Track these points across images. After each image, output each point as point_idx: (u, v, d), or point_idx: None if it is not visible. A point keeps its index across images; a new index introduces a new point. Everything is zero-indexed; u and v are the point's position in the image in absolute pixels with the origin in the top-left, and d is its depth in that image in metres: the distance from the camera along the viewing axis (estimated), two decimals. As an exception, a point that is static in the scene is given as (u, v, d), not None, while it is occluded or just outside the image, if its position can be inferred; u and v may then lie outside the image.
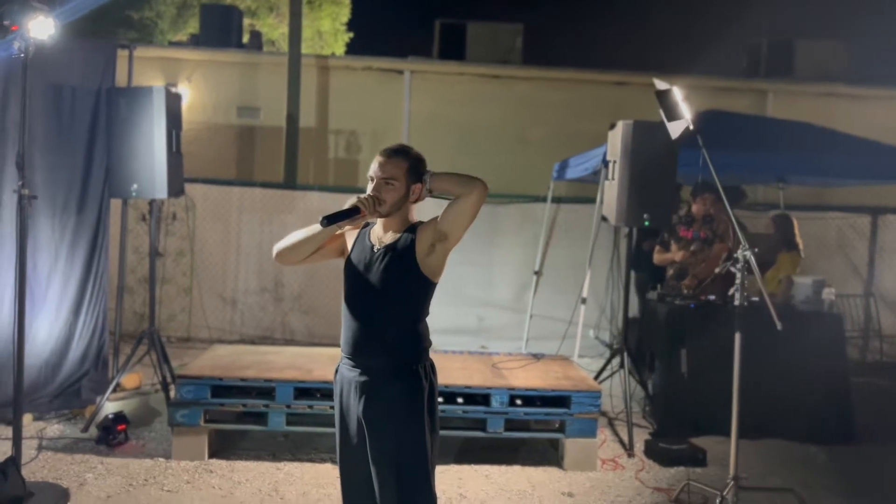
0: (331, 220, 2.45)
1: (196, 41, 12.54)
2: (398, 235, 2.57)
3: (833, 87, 11.69)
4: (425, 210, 2.62)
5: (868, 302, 8.30)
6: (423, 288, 2.56)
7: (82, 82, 5.37)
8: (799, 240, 6.65)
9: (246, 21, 15.20)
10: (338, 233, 2.64)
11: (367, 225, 2.68)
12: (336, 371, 2.67)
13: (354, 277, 2.59)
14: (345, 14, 19.62)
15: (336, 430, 2.66)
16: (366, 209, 2.47)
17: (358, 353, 2.56)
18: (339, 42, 19.70)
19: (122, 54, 5.71)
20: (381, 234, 2.62)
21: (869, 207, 8.53)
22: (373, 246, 2.59)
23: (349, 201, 2.49)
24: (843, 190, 8.78)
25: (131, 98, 5.14)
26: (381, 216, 2.56)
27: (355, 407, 2.55)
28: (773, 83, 12.03)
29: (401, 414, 2.50)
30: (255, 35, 13.27)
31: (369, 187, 2.55)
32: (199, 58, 11.55)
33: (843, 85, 11.75)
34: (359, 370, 2.55)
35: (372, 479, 2.53)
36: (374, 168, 2.55)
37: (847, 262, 8.40)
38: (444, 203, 2.53)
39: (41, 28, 3.76)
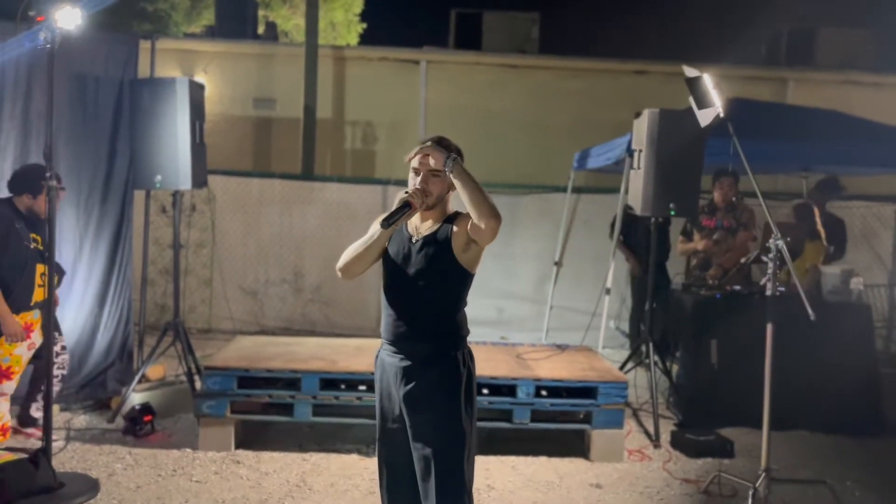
0: (389, 221, 2.51)
1: (212, 32, 12.53)
2: (437, 226, 2.61)
3: (854, 75, 11.51)
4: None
5: (892, 292, 8.20)
6: (461, 278, 2.60)
7: (105, 73, 5.38)
8: (820, 228, 6.57)
9: (260, 12, 15.18)
10: None
11: None
12: (377, 357, 2.73)
13: (394, 267, 2.63)
14: (357, 4, 19.54)
15: (377, 415, 2.71)
16: (416, 202, 2.52)
17: (399, 340, 2.61)
18: (351, 33, 19.62)
19: (144, 46, 5.71)
20: (418, 224, 2.66)
21: (893, 196, 8.41)
22: (411, 237, 2.64)
23: (398, 198, 2.55)
24: (867, 178, 8.65)
25: (154, 89, 5.14)
26: (427, 208, 2.59)
27: (396, 391, 2.61)
28: (793, 71, 11.87)
29: (439, 397, 2.55)
30: (271, 26, 13.29)
31: (411, 180, 2.60)
32: (215, 49, 11.54)
33: (865, 73, 11.57)
34: (400, 356, 2.60)
35: (411, 464, 2.58)
36: (417, 160, 2.58)
37: (871, 251, 8.30)
38: None
39: (68, 18, 3.75)
